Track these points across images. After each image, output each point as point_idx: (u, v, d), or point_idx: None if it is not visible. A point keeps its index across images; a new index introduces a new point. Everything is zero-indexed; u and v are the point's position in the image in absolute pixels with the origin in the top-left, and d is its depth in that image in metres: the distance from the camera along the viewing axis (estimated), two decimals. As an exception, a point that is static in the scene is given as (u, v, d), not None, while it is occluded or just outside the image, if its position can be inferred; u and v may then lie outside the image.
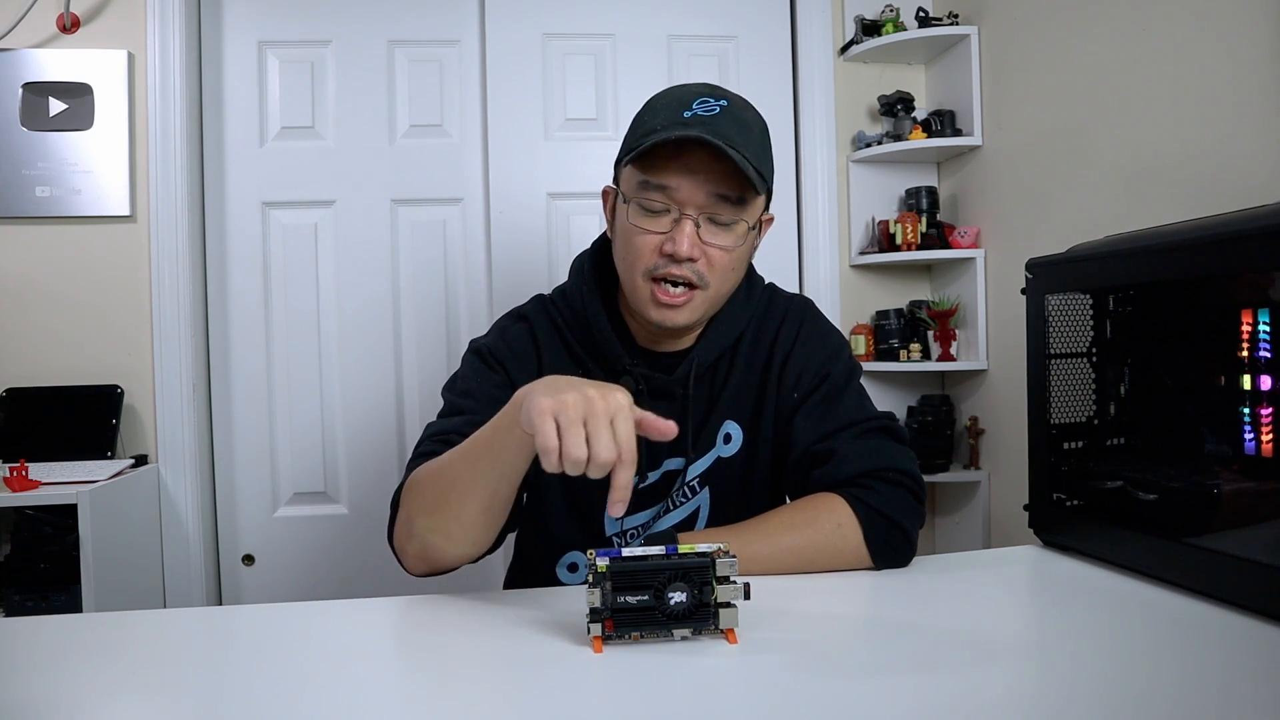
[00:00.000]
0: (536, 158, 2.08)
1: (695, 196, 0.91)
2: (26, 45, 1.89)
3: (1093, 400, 0.97)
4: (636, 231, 0.93)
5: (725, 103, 0.92)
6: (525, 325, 1.06)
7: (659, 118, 0.92)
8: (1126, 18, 1.53)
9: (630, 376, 0.99)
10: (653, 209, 0.92)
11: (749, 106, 0.95)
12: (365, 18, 2.06)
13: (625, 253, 0.96)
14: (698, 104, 0.91)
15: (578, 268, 1.06)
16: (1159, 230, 0.94)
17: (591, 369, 1.02)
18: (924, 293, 2.23)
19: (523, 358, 1.03)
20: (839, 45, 2.17)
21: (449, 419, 0.96)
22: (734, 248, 0.94)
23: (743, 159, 0.88)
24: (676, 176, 0.90)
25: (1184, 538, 0.81)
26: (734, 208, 0.92)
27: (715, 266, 0.93)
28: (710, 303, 0.96)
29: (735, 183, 0.90)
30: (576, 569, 1.04)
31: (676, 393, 1.01)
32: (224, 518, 2.05)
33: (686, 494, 1.03)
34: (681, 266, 0.92)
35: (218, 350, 2.04)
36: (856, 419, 0.98)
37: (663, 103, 0.95)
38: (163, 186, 1.93)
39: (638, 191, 0.93)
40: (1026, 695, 0.61)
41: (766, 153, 0.95)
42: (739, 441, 1.03)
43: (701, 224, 0.92)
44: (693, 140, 0.88)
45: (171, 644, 0.75)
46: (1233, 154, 1.32)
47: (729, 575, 0.69)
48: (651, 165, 0.91)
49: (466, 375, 1.02)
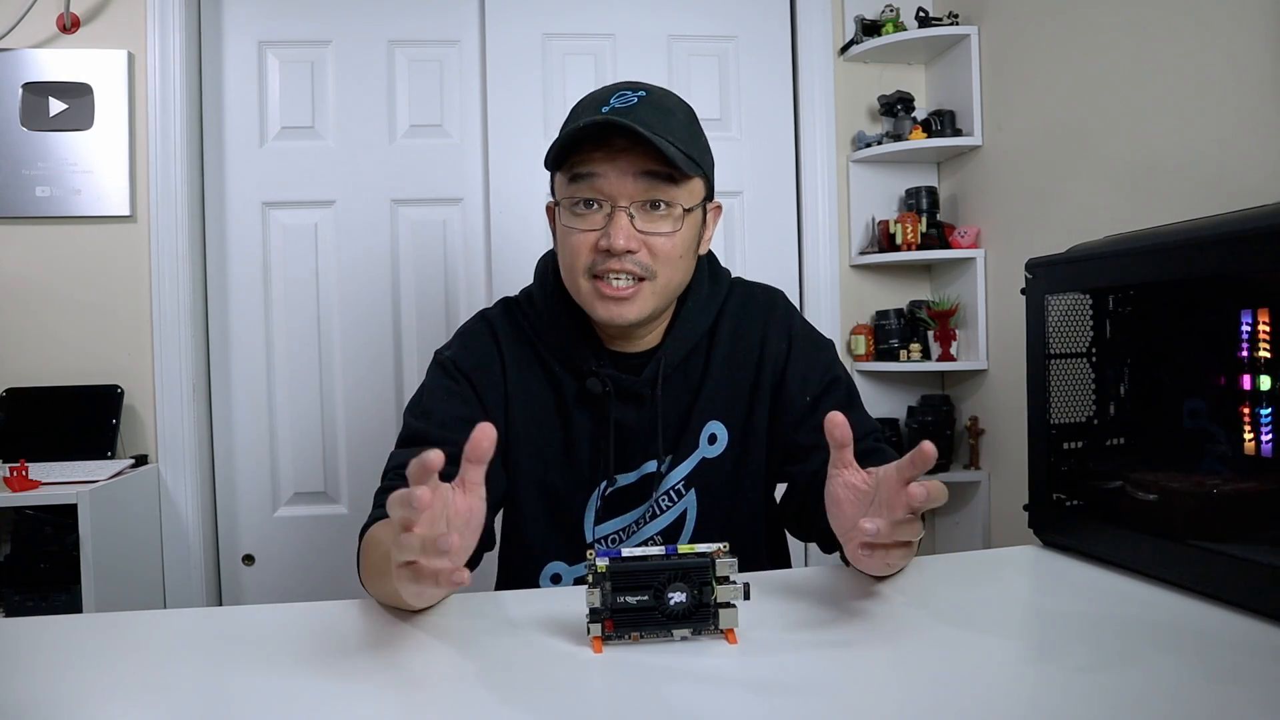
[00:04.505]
0: (536, 158, 2.04)
1: (624, 184, 0.90)
2: (26, 45, 1.89)
3: (1093, 400, 0.97)
4: (571, 232, 0.92)
5: (644, 93, 0.92)
6: (489, 330, 1.04)
7: (579, 119, 0.92)
8: (1126, 18, 1.53)
9: (597, 379, 0.98)
10: (586, 205, 0.92)
11: (671, 95, 0.96)
12: (365, 18, 2.06)
13: (564, 256, 0.95)
14: (615, 98, 0.91)
15: (541, 269, 1.05)
16: (1159, 230, 0.94)
17: (558, 373, 1.00)
18: (924, 293, 2.23)
19: (486, 365, 1.01)
20: (839, 45, 2.17)
21: (408, 449, 0.94)
22: (673, 232, 0.92)
23: (661, 140, 0.87)
24: (601, 164, 0.90)
25: (1184, 538, 0.81)
26: (667, 187, 0.91)
27: (659, 255, 0.92)
28: (662, 294, 0.94)
29: (661, 161, 0.89)
30: (560, 579, 1.02)
31: (645, 394, 0.99)
32: (224, 518, 2.05)
33: (672, 497, 1.01)
34: (622, 260, 0.90)
35: (218, 350, 2.04)
36: (876, 426, 1.03)
37: (583, 104, 0.96)
38: (163, 186, 1.93)
39: (567, 191, 0.93)
40: (1026, 695, 0.61)
41: (695, 136, 0.95)
42: (725, 442, 1.02)
43: (636, 214, 0.91)
44: (611, 127, 0.87)
45: (171, 644, 0.75)
46: (1233, 154, 1.32)
47: (729, 575, 0.69)
48: (575, 161, 0.91)
49: (428, 391, 1.00)
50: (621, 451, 1.00)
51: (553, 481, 1.01)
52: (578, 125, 0.89)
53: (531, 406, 1.01)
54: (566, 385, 1.00)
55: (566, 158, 0.92)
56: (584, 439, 1.00)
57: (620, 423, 0.99)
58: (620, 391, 0.99)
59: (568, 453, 1.01)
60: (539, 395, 1.01)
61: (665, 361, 0.99)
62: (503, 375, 1.01)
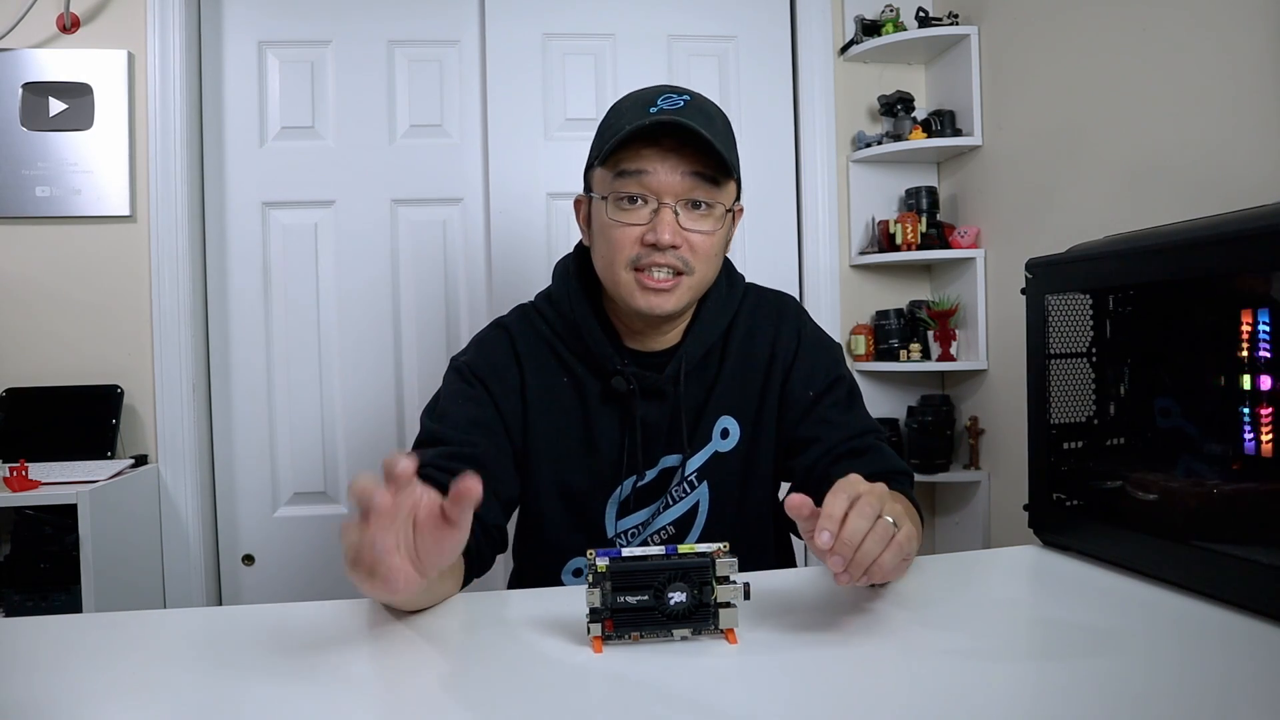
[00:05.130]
0: (536, 158, 2.09)
1: (671, 181, 0.92)
2: (26, 45, 1.89)
3: (1093, 400, 0.97)
4: (616, 226, 0.94)
5: (688, 97, 0.95)
6: (505, 337, 1.05)
7: (625, 118, 0.94)
8: (1126, 18, 1.53)
9: (621, 377, 1.00)
10: (631, 201, 0.93)
11: (710, 101, 0.99)
12: (365, 18, 2.06)
13: (605, 249, 0.96)
14: (662, 99, 0.94)
15: (562, 270, 1.06)
16: (1159, 230, 0.94)
17: (580, 374, 1.02)
18: (924, 293, 2.23)
19: (502, 371, 1.02)
20: (839, 45, 2.17)
21: (424, 450, 0.95)
22: (714, 231, 0.95)
23: (713, 139, 0.90)
24: (652, 161, 0.92)
25: (1184, 538, 0.81)
26: (710, 189, 0.94)
27: (699, 252, 0.95)
28: (695, 289, 0.97)
29: (709, 163, 0.92)
30: (581, 574, 1.04)
31: (668, 390, 1.01)
32: (224, 518, 2.05)
33: (685, 489, 1.03)
34: (665, 254, 0.93)
35: (218, 350, 2.04)
36: (876, 425, 1.03)
37: (627, 104, 0.97)
38: (163, 186, 1.93)
39: (614, 186, 0.94)
40: (1026, 695, 0.61)
41: (732, 141, 0.98)
42: (737, 436, 1.04)
43: (680, 211, 0.93)
44: (664, 126, 0.90)
45: (171, 644, 0.75)
46: (1233, 154, 1.32)
47: (729, 575, 0.69)
48: (624, 157, 0.93)
49: (444, 396, 1.02)
50: (645, 446, 1.02)
51: (574, 481, 1.02)
52: (641, 124, 0.90)
53: (551, 410, 1.02)
54: (589, 385, 1.02)
55: (613, 153, 0.93)
56: (606, 437, 1.02)
57: (644, 419, 1.01)
58: (643, 389, 1.01)
59: (589, 452, 1.02)
60: (560, 398, 1.02)
61: (686, 359, 1.01)
62: (520, 380, 1.02)
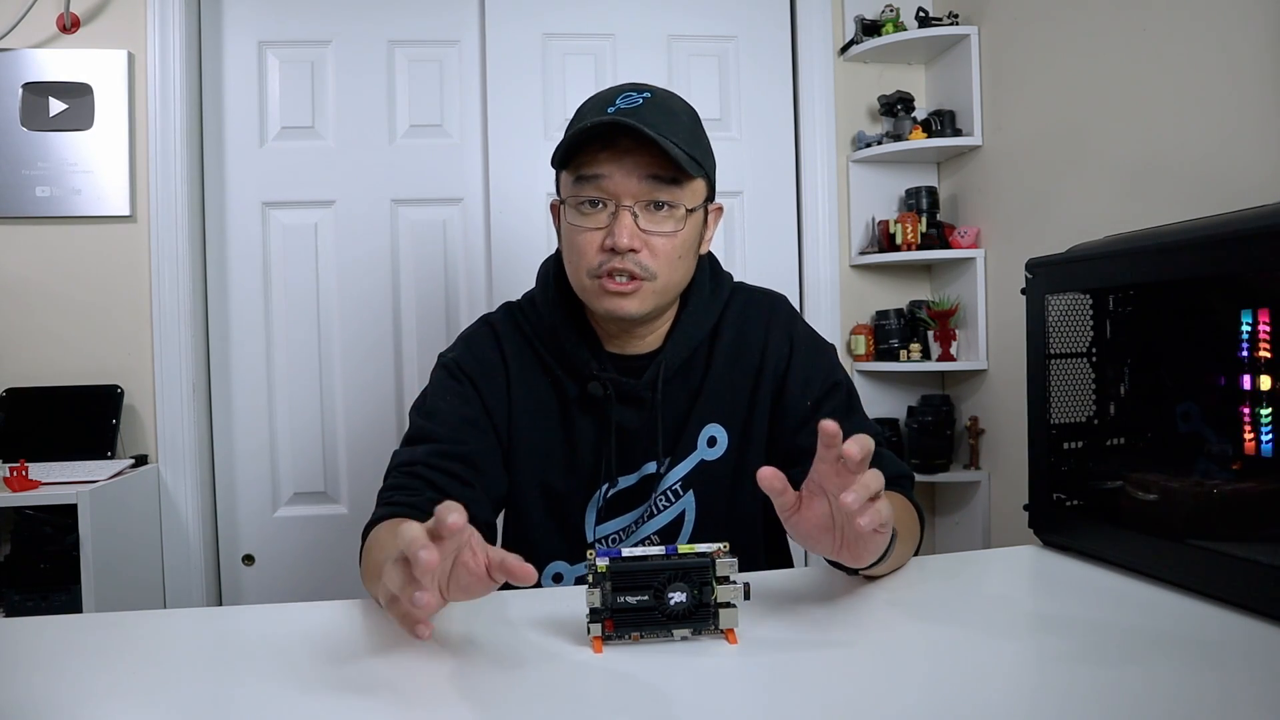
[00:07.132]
0: (536, 158, 2.08)
1: (628, 184, 0.91)
2: (26, 45, 1.89)
3: (1093, 400, 0.97)
4: (577, 231, 0.94)
5: (649, 94, 0.94)
6: (491, 334, 1.05)
7: (585, 119, 0.93)
8: (1126, 18, 1.53)
9: (598, 382, 0.99)
10: (591, 205, 0.93)
11: (675, 97, 0.97)
12: (365, 18, 2.06)
13: (570, 254, 0.96)
14: (620, 99, 0.93)
15: (544, 273, 1.06)
16: (1159, 230, 0.94)
17: (559, 376, 1.01)
18: (924, 293, 2.23)
19: (489, 368, 1.02)
20: (839, 45, 2.17)
21: (415, 447, 0.96)
22: (674, 232, 0.93)
23: (667, 141, 0.89)
24: (607, 165, 0.91)
25: (1184, 538, 0.81)
26: (670, 189, 0.92)
27: (659, 255, 0.93)
28: (661, 293, 0.95)
29: (666, 164, 0.91)
30: (562, 579, 1.03)
31: (646, 396, 1.00)
32: (224, 518, 2.05)
33: (669, 498, 1.02)
34: (624, 259, 0.91)
35: (218, 350, 2.04)
36: (876, 428, 1.02)
37: (589, 105, 0.97)
38: (163, 186, 1.93)
39: (573, 190, 0.94)
40: (1026, 695, 0.61)
41: (698, 138, 0.96)
42: (724, 445, 1.02)
43: (639, 213, 0.92)
44: (618, 128, 0.89)
45: (171, 644, 0.75)
46: (1233, 154, 1.32)
47: (729, 575, 0.69)
48: (582, 161, 0.92)
49: (433, 392, 1.02)
50: (622, 453, 1.01)
51: (554, 483, 1.01)
52: (584, 125, 0.89)
53: (534, 409, 1.02)
54: (568, 388, 1.01)
55: (573, 157, 0.93)
56: (585, 441, 1.01)
57: (621, 425, 1.00)
58: (621, 395, 0.99)
59: (569, 454, 1.01)
60: (541, 398, 1.02)
61: (666, 365, 1.00)
62: (505, 378, 1.02)
